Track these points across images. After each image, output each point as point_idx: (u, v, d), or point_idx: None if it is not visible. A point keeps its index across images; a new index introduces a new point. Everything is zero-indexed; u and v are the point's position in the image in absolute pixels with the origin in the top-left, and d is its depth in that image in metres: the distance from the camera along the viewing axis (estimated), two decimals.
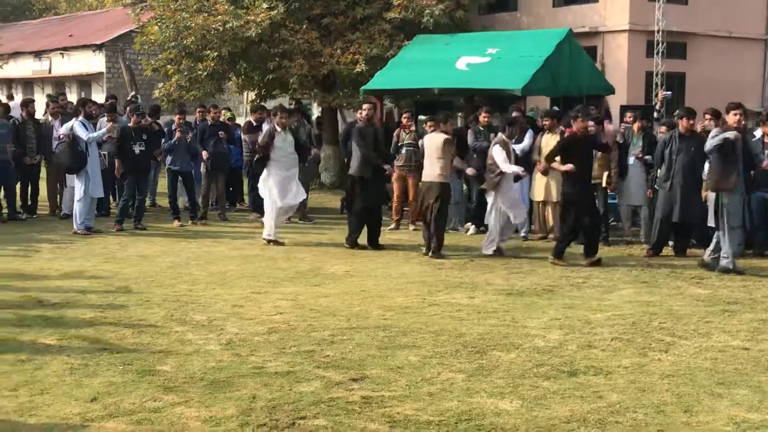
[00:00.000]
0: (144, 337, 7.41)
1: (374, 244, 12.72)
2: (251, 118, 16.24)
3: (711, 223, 11.02)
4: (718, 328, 7.91)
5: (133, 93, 24.29)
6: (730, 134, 10.45)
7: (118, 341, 7.26)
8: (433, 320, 8.19)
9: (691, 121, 11.69)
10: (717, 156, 10.56)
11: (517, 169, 11.94)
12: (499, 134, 12.25)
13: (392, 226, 14.78)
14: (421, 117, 17.41)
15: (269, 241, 12.96)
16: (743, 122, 11.07)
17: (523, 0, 29.67)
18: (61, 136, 14.04)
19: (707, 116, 12.33)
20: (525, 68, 15.25)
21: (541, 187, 13.42)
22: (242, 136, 16.39)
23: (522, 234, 13.71)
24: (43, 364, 6.55)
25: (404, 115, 15.12)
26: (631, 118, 13.72)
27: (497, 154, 11.91)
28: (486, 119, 14.03)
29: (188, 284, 9.89)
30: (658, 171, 12.12)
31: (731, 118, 10.77)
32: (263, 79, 20.09)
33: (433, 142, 12.03)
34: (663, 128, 13.04)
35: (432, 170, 11.92)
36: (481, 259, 11.87)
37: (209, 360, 6.74)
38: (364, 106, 13.21)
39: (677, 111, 12.92)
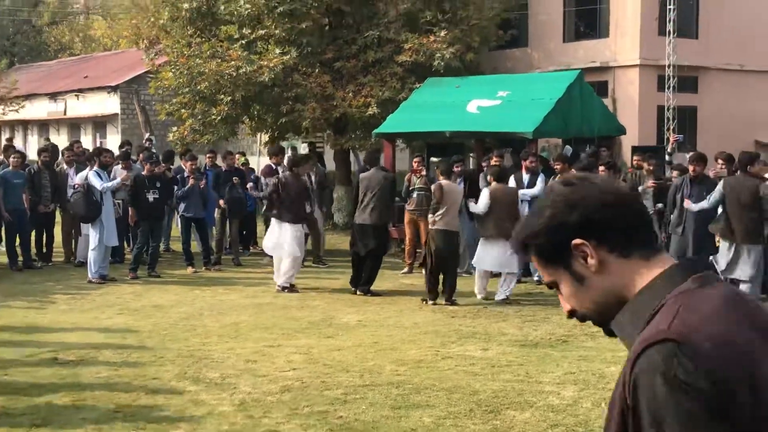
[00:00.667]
0: (158, 398, 7.43)
1: (365, 289, 12.76)
2: (271, 162, 16.30)
3: (721, 271, 10.97)
4: None
5: (147, 135, 24.52)
6: None
7: (132, 402, 7.29)
8: (447, 375, 8.19)
9: (700, 168, 11.71)
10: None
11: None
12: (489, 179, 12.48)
13: (405, 270, 14.81)
14: (433, 159, 17.52)
15: (284, 288, 13.00)
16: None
17: (533, 36, 29.84)
18: (76, 186, 14.17)
19: (720, 161, 12.34)
20: (536, 111, 15.34)
21: None
22: (262, 179, 16.40)
23: (535, 278, 13.70)
24: (58, 429, 6.58)
25: (415, 160, 15.21)
26: (638, 162, 13.76)
27: (482, 198, 12.06)
28: (497, 163, 14.08)
29: (201, 337, 9.92)
30: (671, 216, 12.12)
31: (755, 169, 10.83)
32: (276, 121, 20.23)
33: (453, 189, 12.29)
34: (675, 173, 13.04)
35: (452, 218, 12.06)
36: (494, 306, 11.87)
37: (222, 423, 6.75)
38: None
39: (690, 154, 12.94)
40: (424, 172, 14.83)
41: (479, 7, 21.04)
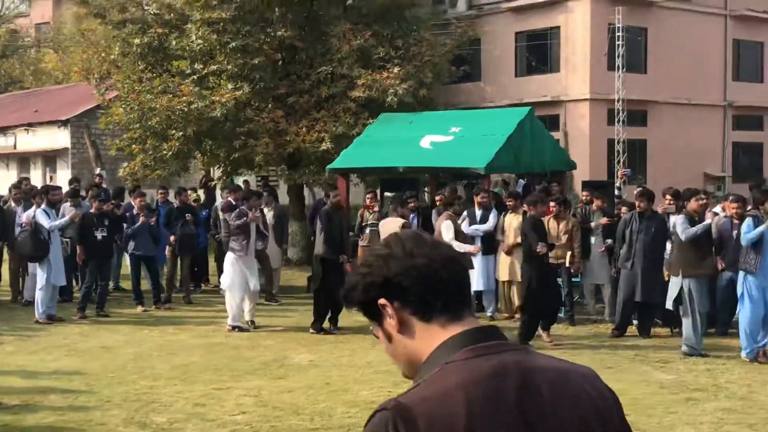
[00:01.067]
0: None
1: (334, 323, 12.88)
2: (231, 198, 16.09)
3: (669, 305, 11.05)
4: (683, 420, 7.91)
5: (98, 170, 24.27)
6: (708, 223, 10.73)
7: None
8: None
9: (645, 204, 11.85)
10: (691, 242, 10.66)
11: (469, 247, 12.00)
12: (446, 212, 12.44)
13: None
14: (387, 194, 17.55)
15: (234, 327, 12.86)
16: (706, 207, 11.28)
17: (486, 71, 30.16)
18: (24, 225, 13.93)
19: (668, 197, 12.51)
20: (488, 146, 15.42)
21: (506, 266, 13.45)
22: (221, 215, 16.15)
23: (488, 313, 13.72)
24: None
25: (368, 196, 15.19)
26: (587, 197, 13.88)
27: (445, 231, 11.99)
28: (447, 199, 14.08)
29: (150, 380, 9.75)
30: (620, 251, 12.22)
31: (693, 204, 10.94)
32: (229, 156, 20.14)
33: (390, 226, 12.22)
34: (624, 208, 13.17)
35: None
36: None
37: None
38: (332, 193, 13.44)
39: (637, 189, 13.12)
40: (376, 208, 14.81)
41: (432, 44, 21.21)
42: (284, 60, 20.56)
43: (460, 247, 11.86)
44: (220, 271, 16.90)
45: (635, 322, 12.31)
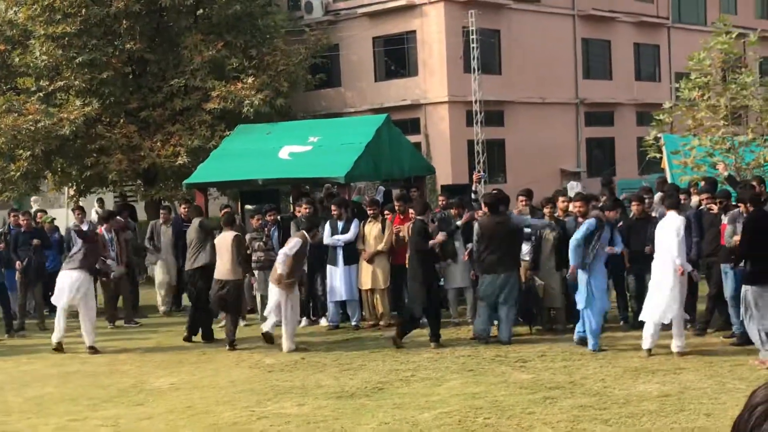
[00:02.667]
0: None
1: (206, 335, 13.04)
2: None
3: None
4: (540, 420, 8.05)
5: None
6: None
7: None
8: None
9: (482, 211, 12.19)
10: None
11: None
12: (301, 231, 12.46)
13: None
14: (248, 207, 17.30)
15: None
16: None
17: (346, 76, 30.25)
18: None
19: (522, 199, 12.79)
20: (347, 155, 15.41)
21: (368, 275, 13.47)
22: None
23: (353, 323, 13.70)
24: None
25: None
26: (444, 203, 14.02)
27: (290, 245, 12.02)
28: (307, 210, 14.00)
29: (2, 414, 9.29)
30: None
31: (561, 206, 11.40)
32: (81, 174, 19.50)
33: (224, 240, 12.40)
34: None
35: (223, 267, 12.28)
36: (312, 355, 11.75)
37: None
38: (182, 206, 13.28)
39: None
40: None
41: (286, 53, 21.10)
42: (135, 73, 20.06)
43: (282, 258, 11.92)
44: None
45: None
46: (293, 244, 12.08)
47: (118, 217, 15.70)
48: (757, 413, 1.21)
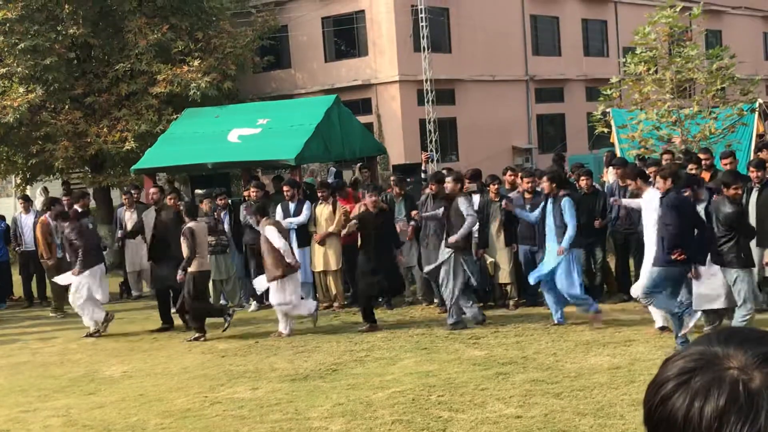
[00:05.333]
0: None
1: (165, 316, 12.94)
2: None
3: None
4: (493, 396, 8.11)
5: None
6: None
7: None
8: (214, 423, 7.93)
9: (435, 186, 12.12)
10: None
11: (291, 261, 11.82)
12: (265, 218, 12.04)
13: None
14: (198, 191, 17.10)
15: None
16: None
17: (295, 58, 30.06)
18: None
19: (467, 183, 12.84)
20: (297, 137, 15.31)
21: (320, 257, 13.44)
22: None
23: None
24: None
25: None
26: (394, 182, 13.94)
27: (276, 238, 11.64)
28: (256, 194, 13.90)
29: None
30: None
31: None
32: (27, 162, 19.15)
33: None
34: (428, 189, 13.31)
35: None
36: (266, 340, 11.69)
37: None
38: (151, 190, 13.11)
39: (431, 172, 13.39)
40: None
41: (233, 35, 20.88)
42: (79, 59, 19.73)
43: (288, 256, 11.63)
44: (26, 284, 16.14)
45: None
46: (277, 235, 11.69)
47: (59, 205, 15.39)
48: (665, 390, 1.19)
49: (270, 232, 11.60)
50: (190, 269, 11.83)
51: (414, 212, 12.61)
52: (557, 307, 11.01)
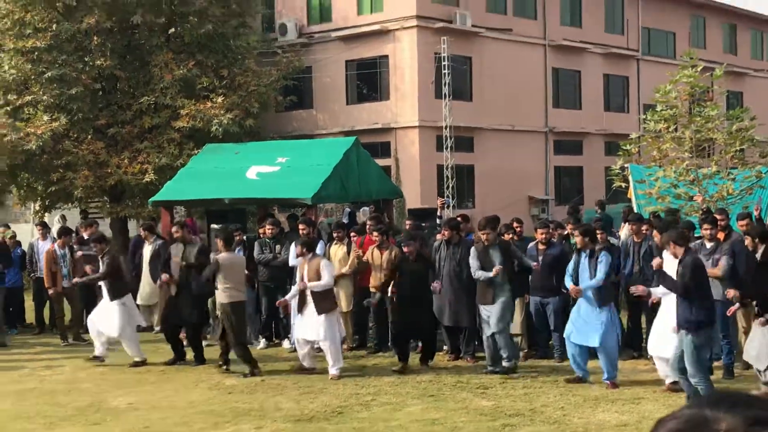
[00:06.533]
0: None
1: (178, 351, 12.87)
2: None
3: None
4: None
5: None
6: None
7: None
8: None
9: (449, 232, 12.16)
10: None
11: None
12: (319, 258, 12.02)
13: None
14: (214, 226, 17.18)
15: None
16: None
17: (318, 98, 30.31)
18: None
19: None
20: (314, 177, 15.41)
21: None
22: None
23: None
24: None
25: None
26: (411, 226, 13.99)
27: (327, 275, 11.66)
28: (271, 231, 13.97)
29: None
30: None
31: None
32: (46, 190, 19.34)
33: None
34: (440, 235, 13.30)
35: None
36: (273, 377, 11.67)
37: None
38: (173, 229, 13.10)
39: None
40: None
41: (258, 74, 21.12)
42: (104, 90, 20.01)
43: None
44: (38, 311, 16.19)
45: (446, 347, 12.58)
46: (330, 272, 11.72)
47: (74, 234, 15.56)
48: None
49: (326, 268, 11.62)
50: (222, 300, 11.81)
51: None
52: (582, 363, 10.78)
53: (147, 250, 15.33)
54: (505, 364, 11.23)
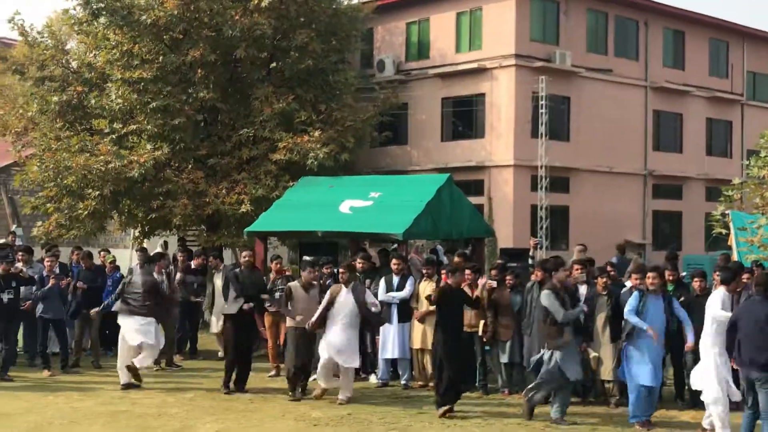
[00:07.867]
0: None
1: (240, 387, 12.93)
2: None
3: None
4: None
5: (14, 228, 23.68)
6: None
7: None
8: None
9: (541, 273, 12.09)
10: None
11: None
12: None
13: (272, 372, 14.49)
14: (305, 258, 17.34)
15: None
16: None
17: (412, 135, 30.44)
18: None
19: (577, 267, 12.67)
20: (406, 213, 15.41)
21: (419, 334, 13.36)
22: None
23: (403, 381, 13.58)
24: None
25: (274, 263, 14.96)
26: (495, 271, 13.74)
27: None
28: (362, 266, 14.01)
29: None
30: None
31: (560, 275, 11.34)
32: (146, 217, 19.87)
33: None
34: (534, 275, 13.14)
35: None
36: (359, 412, 11.65)
37: None
38: (244, 253, 13.34)
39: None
40: (288, 272, 14.68)
41: (355, 110, 21.35)
42: (206, 121, 20.51)
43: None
44: None
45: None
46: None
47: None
48: None
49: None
50: (288, 323, 12.49)
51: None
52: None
53: (218, 278, 15.78)
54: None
